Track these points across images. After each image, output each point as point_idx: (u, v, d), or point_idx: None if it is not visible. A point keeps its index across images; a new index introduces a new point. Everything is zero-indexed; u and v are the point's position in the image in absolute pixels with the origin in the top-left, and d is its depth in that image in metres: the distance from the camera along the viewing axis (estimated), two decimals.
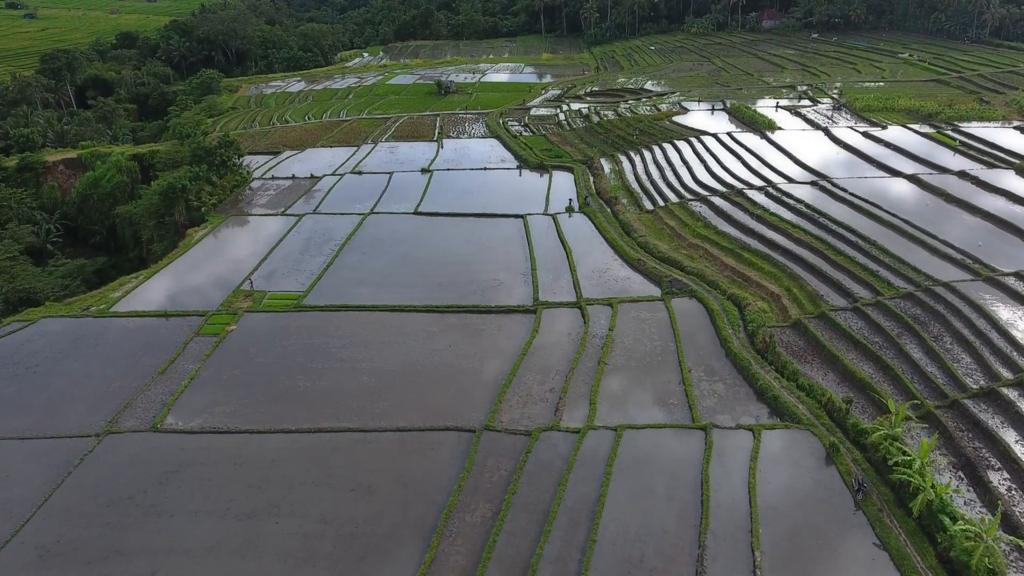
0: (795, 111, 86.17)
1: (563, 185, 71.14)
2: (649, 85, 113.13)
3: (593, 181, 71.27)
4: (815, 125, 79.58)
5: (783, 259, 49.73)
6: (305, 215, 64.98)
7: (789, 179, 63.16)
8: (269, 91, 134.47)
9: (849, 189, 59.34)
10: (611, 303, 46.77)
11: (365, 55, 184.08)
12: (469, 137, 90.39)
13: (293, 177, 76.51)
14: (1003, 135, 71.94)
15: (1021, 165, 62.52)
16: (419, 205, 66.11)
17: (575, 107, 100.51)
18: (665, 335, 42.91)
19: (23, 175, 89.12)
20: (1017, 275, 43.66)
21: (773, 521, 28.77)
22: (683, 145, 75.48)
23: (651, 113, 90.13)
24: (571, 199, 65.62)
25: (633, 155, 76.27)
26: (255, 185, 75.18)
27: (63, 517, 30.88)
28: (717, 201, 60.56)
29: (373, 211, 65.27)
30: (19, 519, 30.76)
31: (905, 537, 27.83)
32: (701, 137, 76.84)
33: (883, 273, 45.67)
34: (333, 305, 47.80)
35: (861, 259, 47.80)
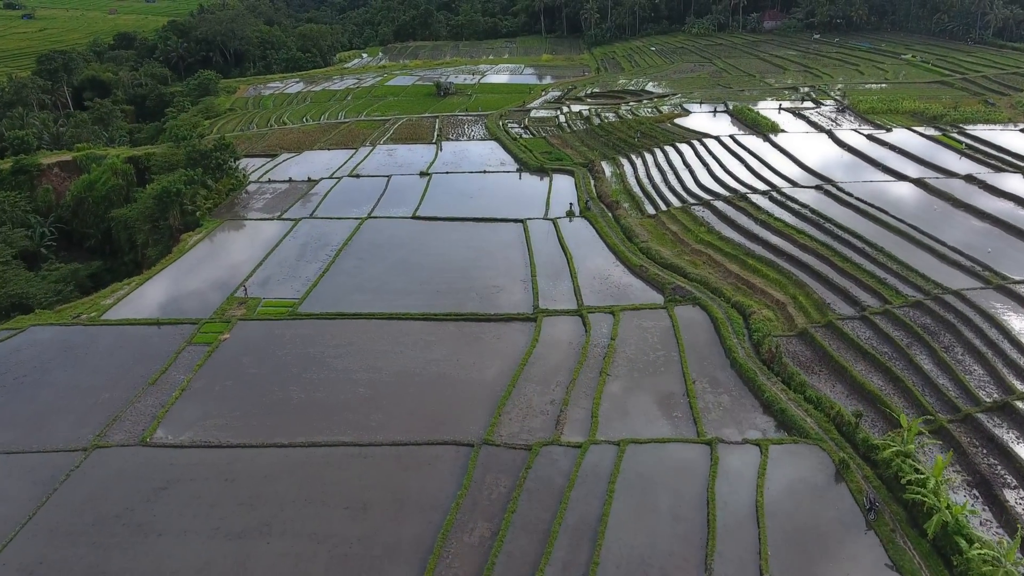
0: (798, 113, 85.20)
1: (564, 189, 70.13)
2: (650, 87, 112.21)
3: (594, 185, 70.28)
4: (819, 127, 78.60)
5: (788, 266, 48.71)
6: (302, 219, 63.95)
7: (793, 183, 62.16)
8: (267, 92, 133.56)
9: (855, 193, 58.34)
10: (613, 311, 45.75)
11: (364, 56, 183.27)
12: (468, 139, 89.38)
13: (290, 180, 75.50)
14: (1010, 138, 70.97)
15: None
16: (417, 209, 65.10)
17: (575, 109, 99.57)
18: (668, 344, 41.90)
19: (17, 178, 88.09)
20: None
21: (782, 542, 27.74)
22: (685, 148, 74.48)
23: (652, 115, 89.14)
24: (572, 203, 64.59)
25: (634, 158, 75.27)
26: (251, 188, 74.18)
27: (48, 537, 29.84)
28: (720, 206, 59.55)
29: (371, 215, 64.23)
30: (1, 538, 29.72)
31: (919, 560, 26.79)
32: (703, 140, 75.84)
33: (891, 281, 44.66)
34: (329, 313, 46.77)
35: (868, 266, 46.79)
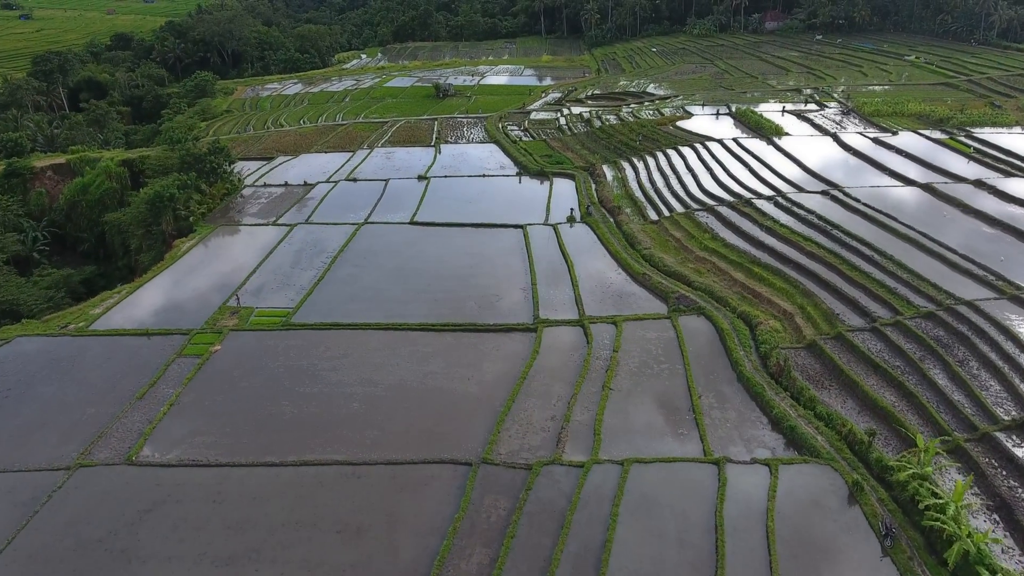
0: (802, 116, 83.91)
1: (564, 193, 68.87)
2: (651, 88, 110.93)
3: (595, 189, 69.03)
4: (823, 130, 77.33)
5: (795, 274, 47.44)
6: (297, 225, 62.69)
7: (799, 188, 60.87)
8: (265, 94, 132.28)
9: (862, 199, 57.07)
10: (615, 321, 44.48)
11: (363, 56, 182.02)
12: (467, 142, 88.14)
13: (286, 184, 74.25)
14: (1018, 141, 69.56)
15: None
16: (415, 214, 63.83)
17: (576, 111, 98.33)
18: (673, 357, 40.63)
19: (10, 181, 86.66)
20: None
21: (795, 570, 26.47)
22: (688, 151, 73.22)
23: (654, 117, 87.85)
24: (572, 208, 63.34)
25: (636, 161, 74.01)
26: (247, 192, 72.93)
27: (26, 563, 28.56)
28: (724, 211, 58.28)
29: (367, 221, 62.98)
30: None
31: None
32: (706, 143, 74.56)
33: (901, 290, 43.39)
34: (323, 323, 45.49)
35: (878, 275, 45.52)
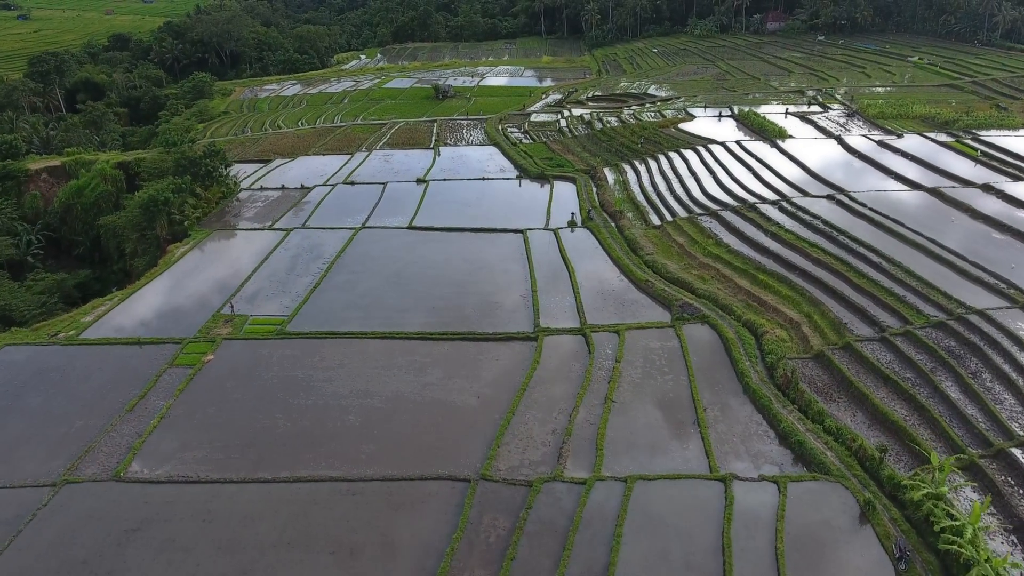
0: (805, 118, 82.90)
1: (565, 196, 67.86)
2: (652, 90, 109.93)
3: (596, 193, 67.98)
4: (827, 133, 76.30)
5: (801, 281, 46.42)
6: (293, 229, 61.62)
7: (804, 192, 59.83)
8: (263, 95, 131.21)
9: (868, 203, 56.05)
10: (617, 330, 43.46)
11: (362, 57, 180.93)
12: (467, 144, 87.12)
13: (283, 187, 73.19)
14: None
15: None
16: (413, 219, 62.78)
17: (577, 113, 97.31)
18: (677, 367, 39.60)
19: (4, 184, 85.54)
20: None
21: None
22: (690, 154, 72.20)
23: (656, 120, 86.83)
24: (573, 213, 62.31)
25: (638, 164, 73.00)
26: (243, 196, 71.88)
27: None
28: (728, 216, 57.25)
29: (365, 225, 61.91)
30: None
31: None
32: (709, 146, 73.55)
33: (911, 299, 42.36)
34: (319, 332, 44.43)
35: (886, 282, 44.48)
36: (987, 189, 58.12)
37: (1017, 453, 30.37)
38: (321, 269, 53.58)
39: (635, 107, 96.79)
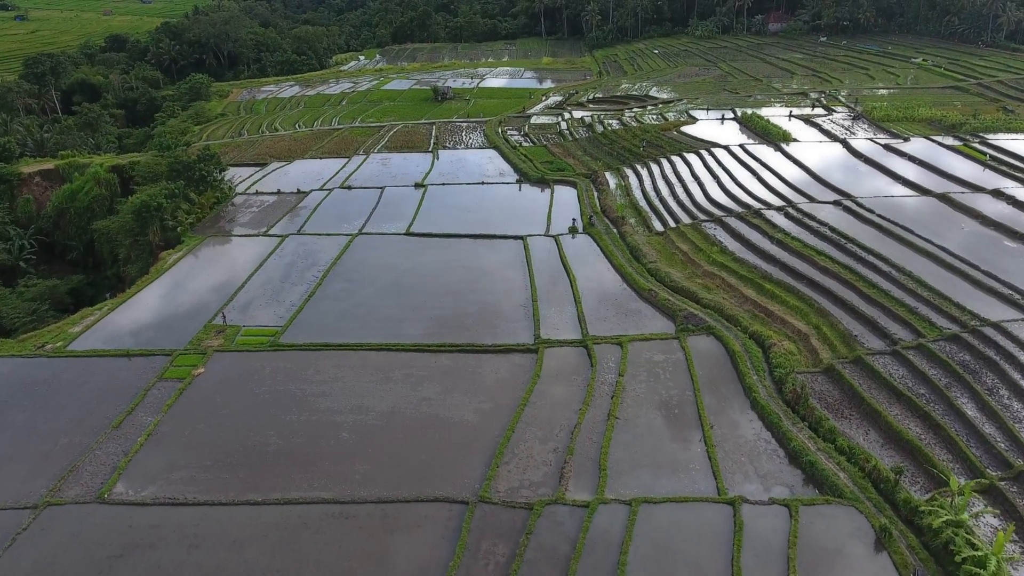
0: (809, 121, 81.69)
1: (566, 201, 66.58)
2: (654, 91, 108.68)
3: (598, 197, 66.73)
4: (832, 136, 75.08)
5: (809, 291, 45.18)
6: (288, 236, 60.38)
7: (810, 198, 58.58)
8: (261, 96, 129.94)
9: (876, 210, 54.80)
10: (620, 342, 42.21)
11: (361, 58, 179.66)
12: (466, 147, 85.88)
13: (278, 192, 71.93)
14: None
15: None
16: (411, 225, 61.52)
17: (577, 115, 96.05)
18: (682, 382, 38.36)
19: None
20: None
21: None
22: (693, 158, 70.97)
23: (658, 122, 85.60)
24: (575, 219, 61.06)
25: (640, 169, 71.77)
26: (238, 201, 70.63)
27: None
28: (733, 223, 55.99)
29: (362, 231, 60.67)
30: None
31: None
32: (712, 149, 72.32)
33: (922, 310, 41.11)
34: (313, 344, 43.18)
35: (896, 292, 43.24)
36: (997, 195, 56.89)
37: None
38: (316, 277, 52.34)
39: (636, 109, 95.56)
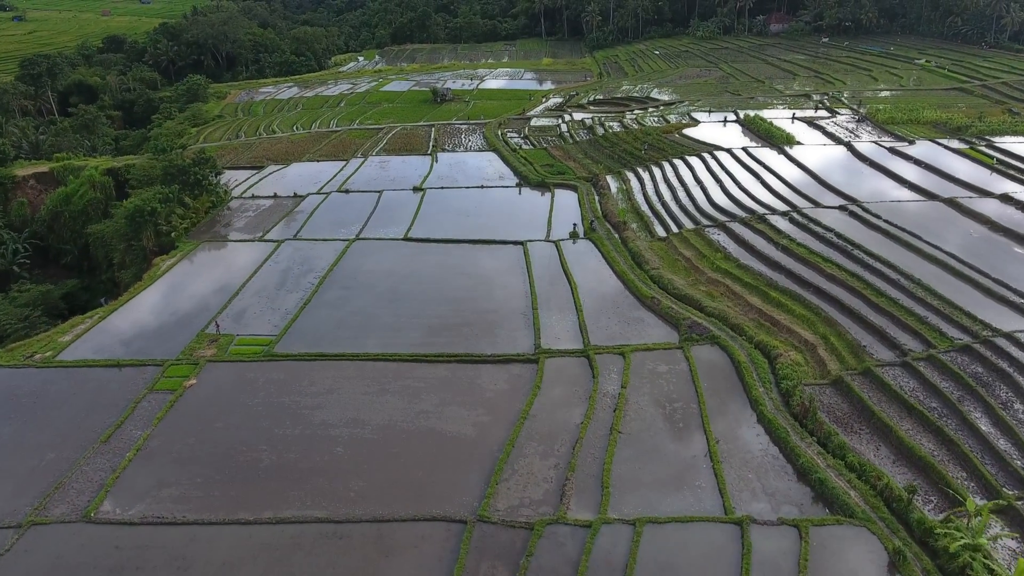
0: (813, 123, 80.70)
1: (566, 205, 65.60)
2: (655, 93, 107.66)
3: (599, 201, 65.72)
4: (836, 139, 74.10)
5: (816, 299, 44.17)
6: (284, 241, 59.35)
7: (815, 202, 57.58)
8: (259, 98, 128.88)
9: (882, 215, 53.81)
10: (623, 352, 41.20)
11: (360, 59, 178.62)
12: (465, 150, 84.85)
13: (275, 196, 70.90)
14: None
15: None
16: (409, 230, 60.51)
17: (578, 117, 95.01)
18: (686, 394, 37.36)
19: None
20: None
21: None
22: (695, 161, 69.98)
23: (659, 125, 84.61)
24: (575, 223, 60.06)
25: (642, 172, 70.77)
26: (234, 205, 69.61)
27: None
28: (737, 228, 54.99)
29: (359, 237, 59.64)
30: None
31: None
32: (715, 152, 71.32)
33: (932, 319, 40.12)
34: (308, 354, 42.16)
35: (905, 301, 42.25)
36: (1006, 200, 55.90)
37: None
38: (312, 284, 51.34)
39: (638, 111, 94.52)
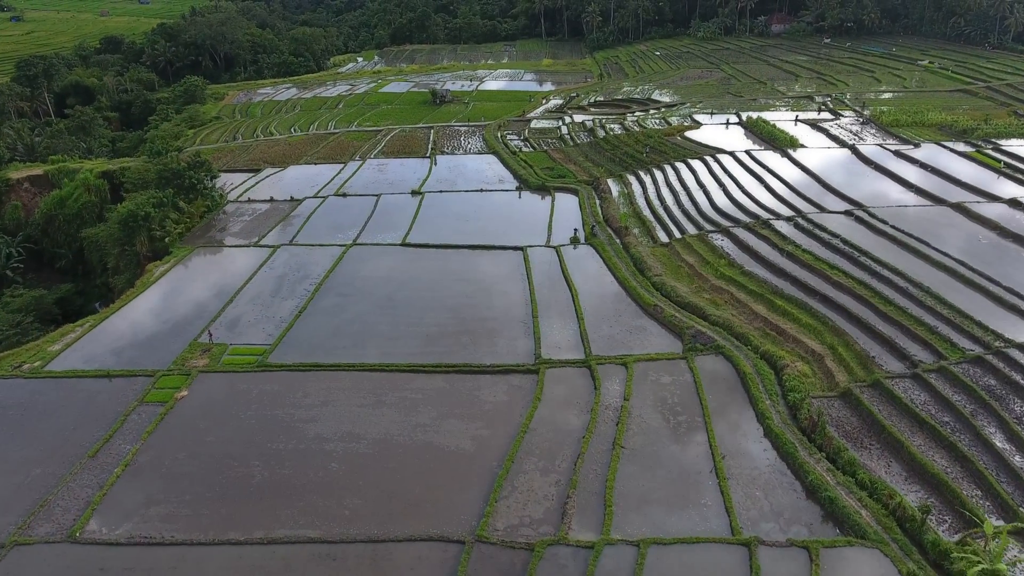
0: (816, 125, 79.70)
1: (567, 209, 64.65)
2: (656, 94, 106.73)
3: (600, 206, 64.70)
4: (840, 142, 73.12)
5: (822, 308, 43.16)
6: (280, 246, 58.35)
7: (820, 207, 56.57)
8: (257, 99, 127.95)
9: (889, 220, 52.81)
10: (625, 362, 40.20)
11: (359, 60, 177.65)
12: (465, 153, 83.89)
13: (271, 200, 69.94)
14: None
15: None
16: (407, 235, 59.50)
17: (578, 119, 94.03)
18: (691, 407, 36.36)
19: None
20: None
21: None
22: (698, 165, 69.00)
23: (660, 127, 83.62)
24: (576, 229, 59.05)
25: (643, 175, 69.79)
26: (229, 209, 68.63)
27: None
28: (740, 234, 53.98)
29: (356, 242, 58.65)
30: None
31: None
32: (717, 155, 70.34)
33: (942, 329, 39.12)
34: (302, 364, 41.16)
35: (914, 310, 41.25)
36: (1014, 204, 54.92)
37: None
38: (308, 291, 50.37)
39: (639, 113, 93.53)
